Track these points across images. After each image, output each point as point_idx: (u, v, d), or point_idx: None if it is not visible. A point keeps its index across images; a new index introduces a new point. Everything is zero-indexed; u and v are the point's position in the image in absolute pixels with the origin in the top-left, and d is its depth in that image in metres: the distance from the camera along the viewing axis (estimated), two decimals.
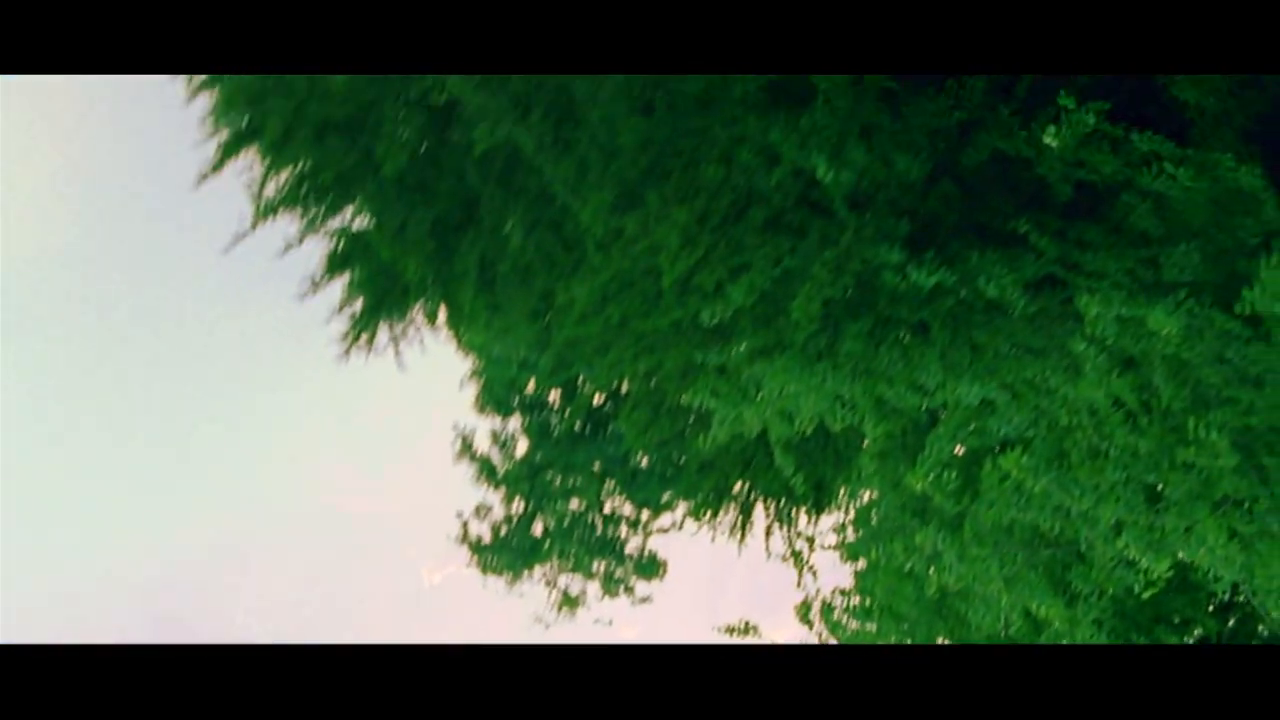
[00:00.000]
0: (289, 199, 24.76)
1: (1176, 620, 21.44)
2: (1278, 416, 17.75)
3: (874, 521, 23.45)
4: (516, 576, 39.87)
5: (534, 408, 36.61)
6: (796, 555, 29.66)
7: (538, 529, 38.86)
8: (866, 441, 22.25)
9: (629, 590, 40.56)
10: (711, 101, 21.83)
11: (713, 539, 30.70)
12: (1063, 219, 20.11)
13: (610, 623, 40.44)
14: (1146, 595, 18.79)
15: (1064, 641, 19.84)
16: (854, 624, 23.31)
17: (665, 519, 39.59)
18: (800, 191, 21.40)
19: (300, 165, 24.72)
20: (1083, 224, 19.94)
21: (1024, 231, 19.70)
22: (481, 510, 39.98)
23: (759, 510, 30.15)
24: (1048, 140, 19.65)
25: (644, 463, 36.00)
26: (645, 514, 39.14)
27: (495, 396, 36.51)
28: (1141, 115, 20.41)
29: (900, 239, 20.34)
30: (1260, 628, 21.73)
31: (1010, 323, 19.98)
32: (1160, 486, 18.59)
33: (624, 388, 30.01)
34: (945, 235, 20.76)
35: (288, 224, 24.90)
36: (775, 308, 21.40)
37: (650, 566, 40.02)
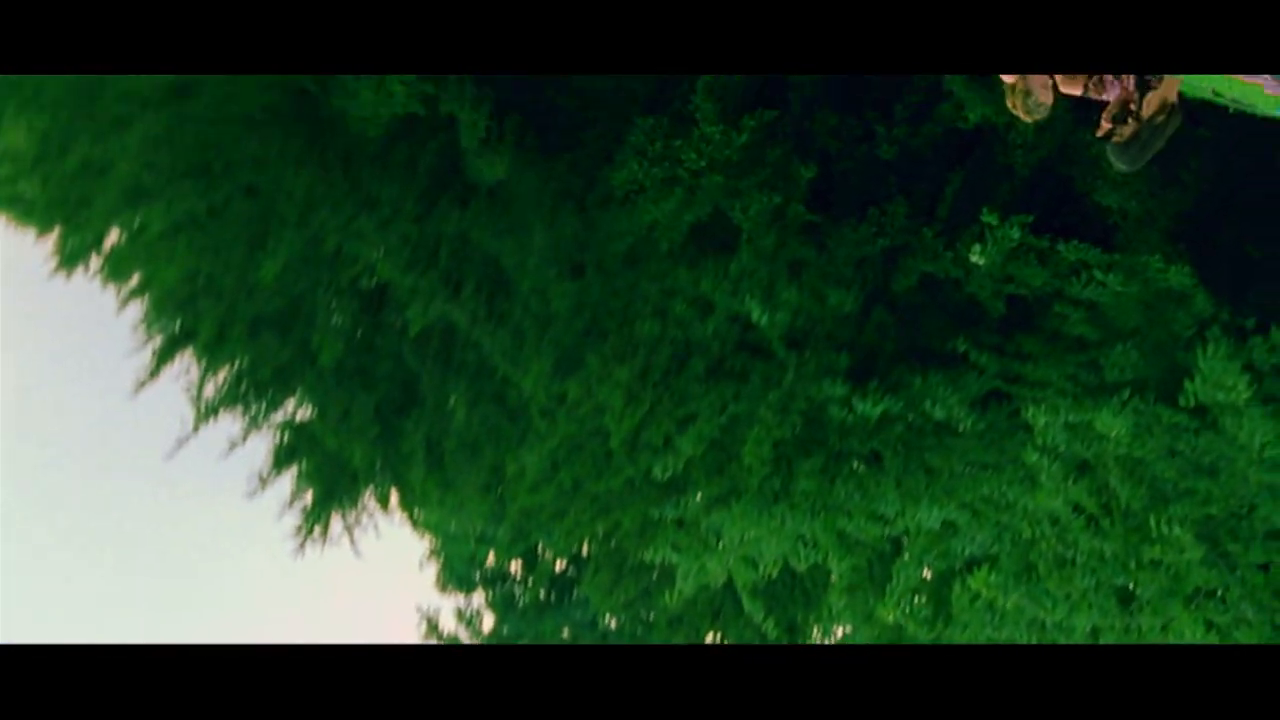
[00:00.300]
0: (229, 398, 24.59)
1: None
2: (1236, 502, 17.71)
3: None
4: None
5: (496, 581, 36.04)
6: None
7: None
8: (833, 577, 21.98)
9: None
10: (639, 258, 21.95)
11: None
12: (999, 334, 20.17)
13: None
14: None
15: None
16: None
17: None
18: (737, 336, 21.42)
19: (237, 363, 24.60)
20: (1020, 336, 20.01)
21: (963, 351, 19.72)
22: None
23: None
24: (974, 259, 19.77)
25: (613, 624, 35.44)
26: None
27: (456, 573, 35.94)
28: (1065, 224, 20.61)
29: (842, 372, 20.33)
30: None
31: (961, 442, 19.92)
32: (1131, 587, 18.44)
33: (585, 551, 29.67)
34: (886, 363, 20.77)
35: (230, 423, 24.70)
36: (726, 455, 21.29)
37: None
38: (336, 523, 25.55)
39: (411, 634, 36.59)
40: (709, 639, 28.81)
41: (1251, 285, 19.70)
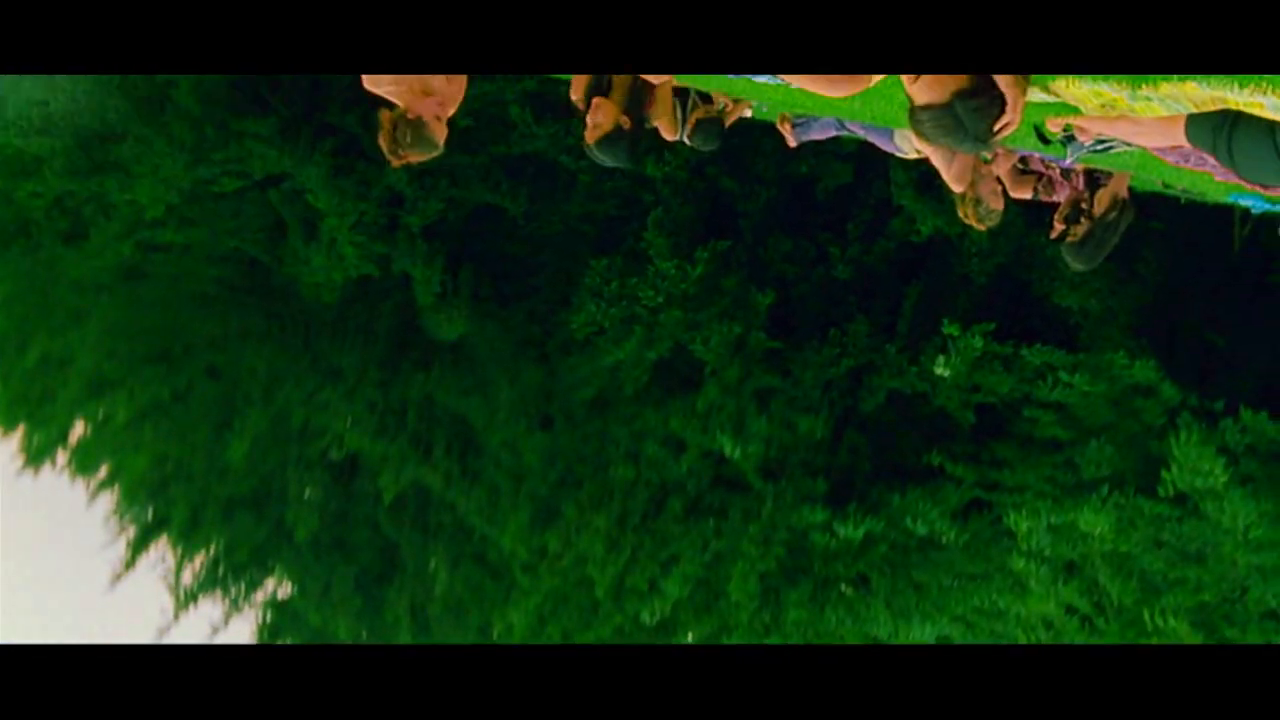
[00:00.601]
0: (208, 583, 24.27)
1: None
2: (1227, 586, 17.39)
3: None
4: None
5: None
6: None
7: None
8: None
9: None
10: (606, 403, 21.81)
11: None
12: (973, 443, 19.98)
13: None
14: None
15: None
16: None
17: None
18: (712, 472, 21.21)
19: (213, 546, 24.32)
20: (993, 444, 19.82)
21: (938, 464, 19.50)
22: None
23: None
24: (939, 372, 19.63)
25: None
26: None
27: None
28: (1027, 328, 20.51)
29: (820, 498, 20.11)
30: None
31: (947, 555, 19.63)
32: None
33: None
34: (863, 484, 20.53)
35: (212, 606, 24.34)
36: (713, 592, 20.94)
37: None
38: None
39: None
40: None
41: (1215, 369, 19.60)
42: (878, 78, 2.82)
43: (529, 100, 22.63)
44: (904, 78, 2.63)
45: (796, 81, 2.95)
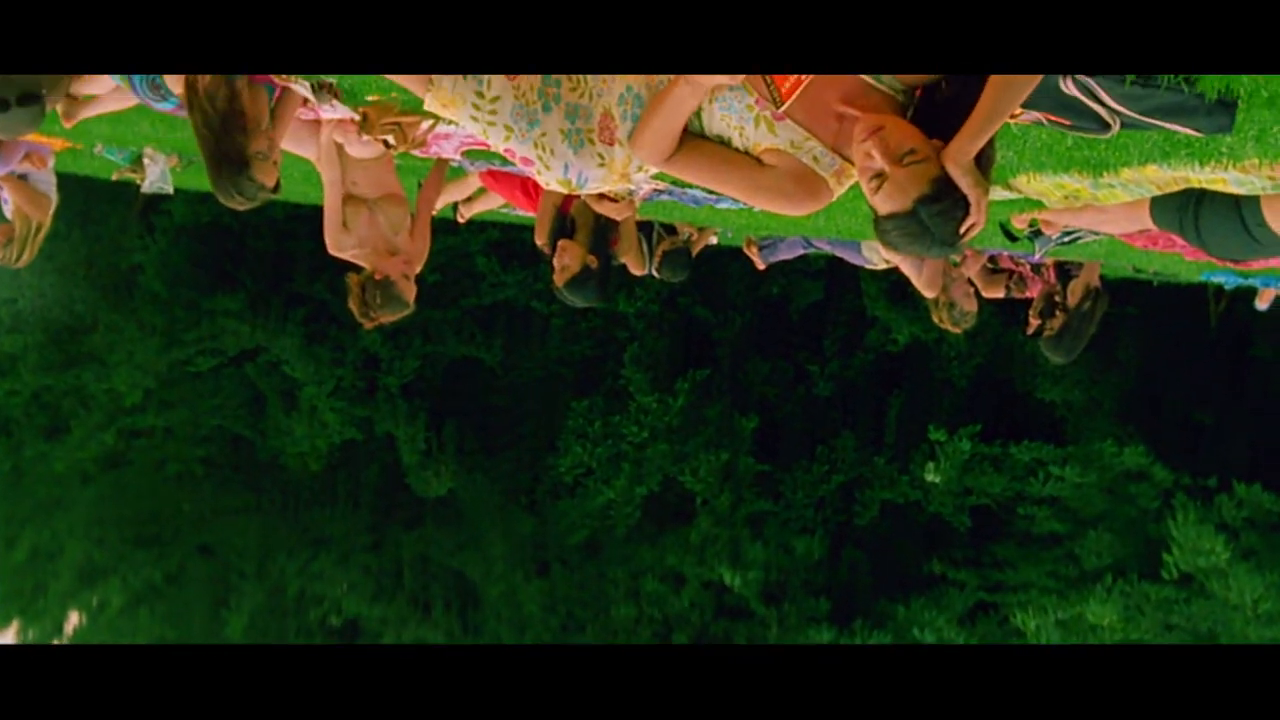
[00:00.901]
0: None
1: None
2: None
3: None
4: None
5: None
6: None
7: None
8: None
9: None
10: (600, 544, 21.69)
11: None
12: (971, 547, 19.89)
13: None
14: None
15: None
16: None
17: None
18: (715, 603, 21.05)
19: None
20: (992, 545, 19.72)
21: (940, 571, 19.37)
22: None
23: None
24: (930, 478, 19.59)
25: None
26: None
27: None
28: (1013, 426, 20.48)
29: (825, 617, 19.95)
30: None
31: None
32: None
33: None
34: (866, 599, 20.36)
35: None
36: None
37: None
38: None
39: None
40: None
41: (1205, 446, 19.58)
42: (840, 191, 2.81)
43: (494, 249, 22.79)
44: (866, 189, 2.62)
45: (758, 203, 2.94)
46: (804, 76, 2.48)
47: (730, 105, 2.74)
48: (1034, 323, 7.58)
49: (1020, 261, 8.21)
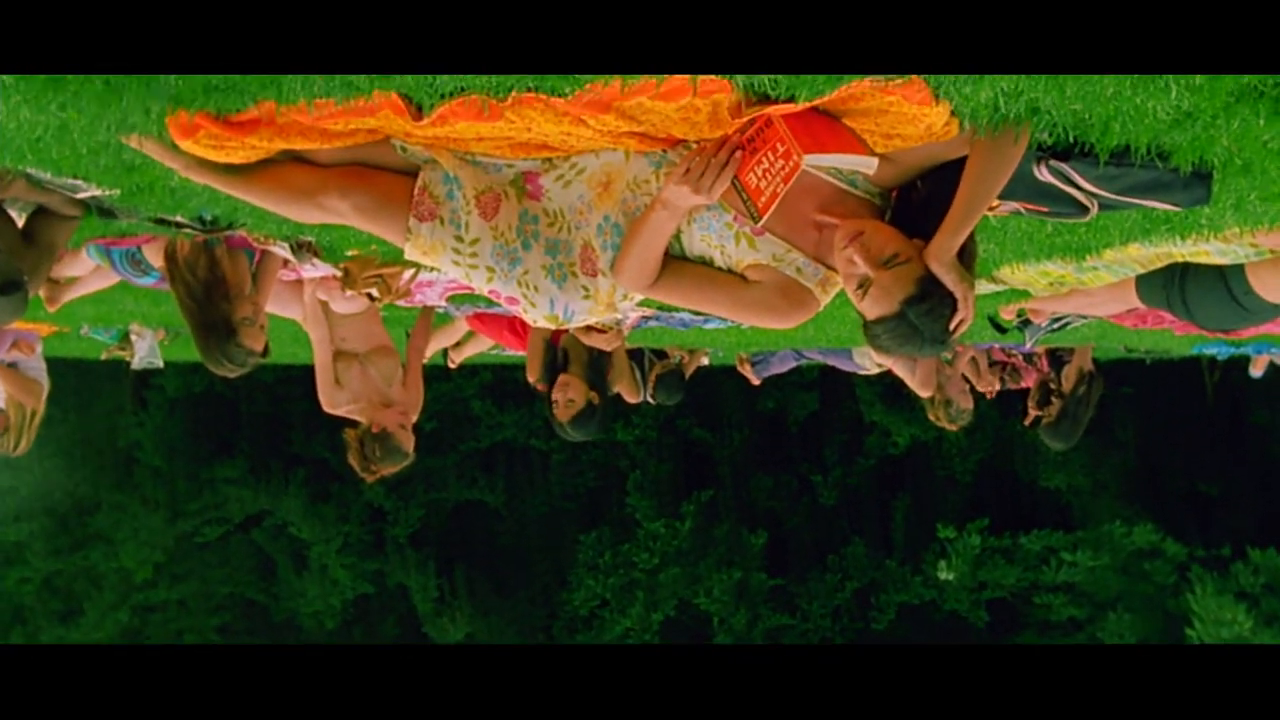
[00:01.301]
0: None
1: None
2: None
3: None
4: None
5: None
6: None
7: None
8: None
9: None
10: None
11: None
12: (991, 640, 19.70)
13: None
14: None
15: None
16: None
17: None
18: None
19: None
20: (1011, 637, 19.56)
21: None
22: None
23: None
24: (943, 576, 19.48)
25: None
26: None
27: None
28: (1021, 516, 20.42)
29: None
30: None
31: None
32: None
33: None
34: None
35: None
36: None
37: None
38: None
39: None
40: None
41: (1214, 517, 19.50)
42: (827, 299, 2.81)
43: (488, 392, 22.89)
44: (852, 296, 2.62)
45: (747, 319, 2.93)
46: (779, 190, 2.48)
47: (709, 225, 2.74)
48: (1032, 412, 7.59)
49: (1012, 353, 8.23)
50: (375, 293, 4.47)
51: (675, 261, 2.83)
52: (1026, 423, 7.76)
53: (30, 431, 6.79)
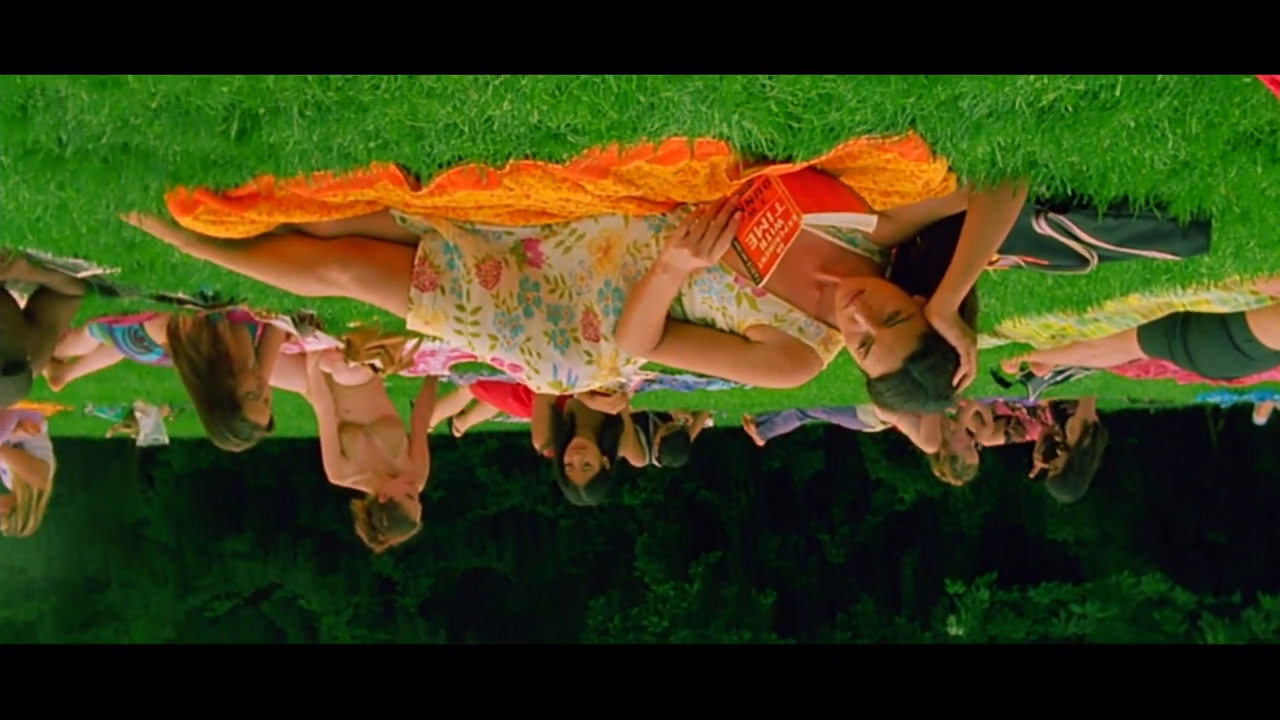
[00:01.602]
0: None
1: None
2: None
3: None
4: None
5: None
6: None
7: None
8: None
9: None
10: None
11: None
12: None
13: None
14: None
15: None
16: None
17: None
18: None
19: None
20: None
21: None
22: None
23: None
24: (953, 631, 19.39)
25: None
26: None
27: None
28: (1029, 569, 20.34)
29: None
30: None
31: None
32: None
33: None
34: None
35: None
36: None
37: None
38: None
39: None
40: None
41: (1222, 564, 19.43)
42: (829, 358, 2.81)
43: (494, 459, 22.89)
44: (854, 354, 2.62)
45: (750, 380, 2.93)
46: (779, 250, 2.49)
47: (710, 287, 2.74)
48: (1038, 465, 7.57)
49: (1016, 406, 8.22)
50: (378, 364, 4.47)
51: (677, 324, 2.83)
52: (1032, 476, 7.74)
53: (38, 511, 6.79)
